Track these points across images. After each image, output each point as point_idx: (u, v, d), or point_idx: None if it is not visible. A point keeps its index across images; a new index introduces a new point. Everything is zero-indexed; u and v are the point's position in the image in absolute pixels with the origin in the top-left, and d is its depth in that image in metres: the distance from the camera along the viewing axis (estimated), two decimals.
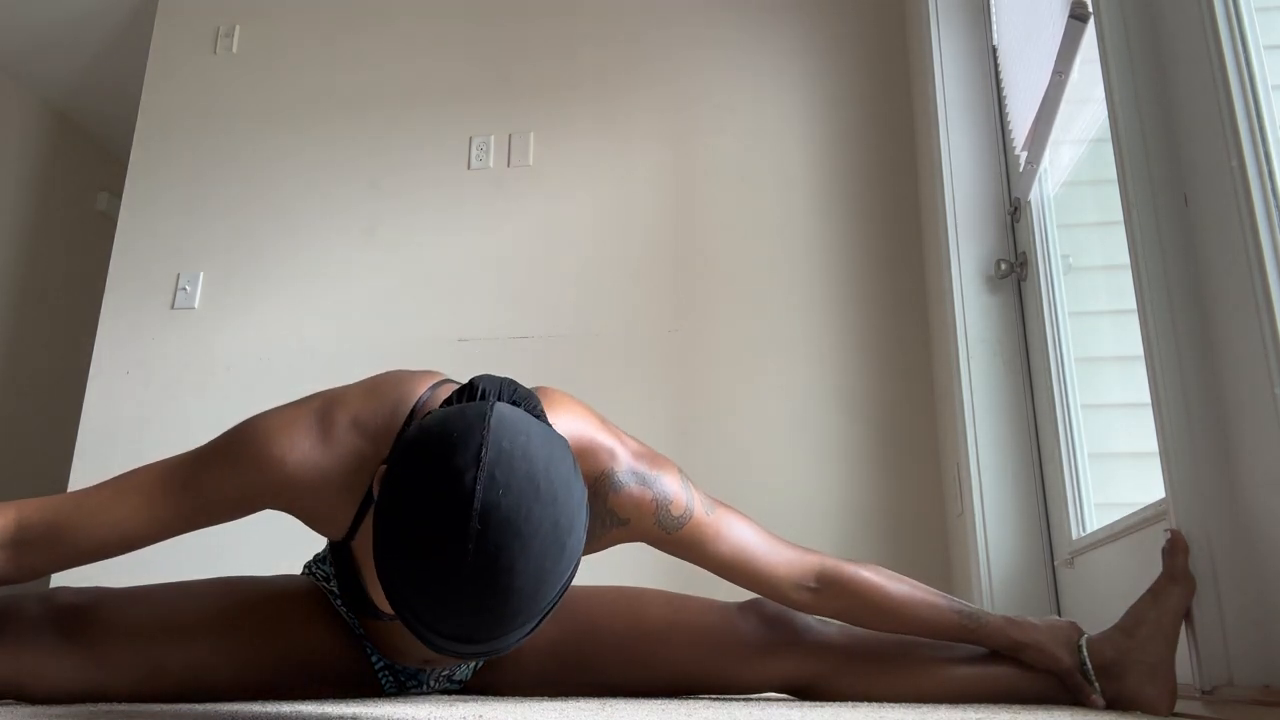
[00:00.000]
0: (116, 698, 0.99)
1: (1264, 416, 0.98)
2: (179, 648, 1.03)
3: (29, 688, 0.94)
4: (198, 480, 0.92)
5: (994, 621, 1.17)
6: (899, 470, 2.32)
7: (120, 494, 0.92)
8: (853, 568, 1.14)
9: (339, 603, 1.20)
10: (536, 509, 0.69)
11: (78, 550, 0.91)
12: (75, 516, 0.91)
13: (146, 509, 0.91)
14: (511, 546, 0.68)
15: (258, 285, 2.77)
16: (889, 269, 2.51)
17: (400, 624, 1.01)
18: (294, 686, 1.13)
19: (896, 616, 1.15)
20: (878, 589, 1.15)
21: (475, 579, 0.67)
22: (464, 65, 2.91)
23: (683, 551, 1.10)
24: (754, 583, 1.14)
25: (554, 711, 0.92)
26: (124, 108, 3.37)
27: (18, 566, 0.89)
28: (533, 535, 0.68)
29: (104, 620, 0.98)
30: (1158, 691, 1.09)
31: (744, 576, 1.13)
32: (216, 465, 0.92)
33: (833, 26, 2.77)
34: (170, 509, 0.91)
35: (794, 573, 1.14)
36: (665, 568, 1.59)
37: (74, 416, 2.75)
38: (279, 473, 0.90)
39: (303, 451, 0.90)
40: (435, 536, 0.68)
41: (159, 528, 0.92)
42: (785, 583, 1.14)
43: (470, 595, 0.68)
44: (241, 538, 2.51)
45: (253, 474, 0.90)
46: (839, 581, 1.14)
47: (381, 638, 1.15)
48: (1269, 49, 1.05)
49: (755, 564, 1.12)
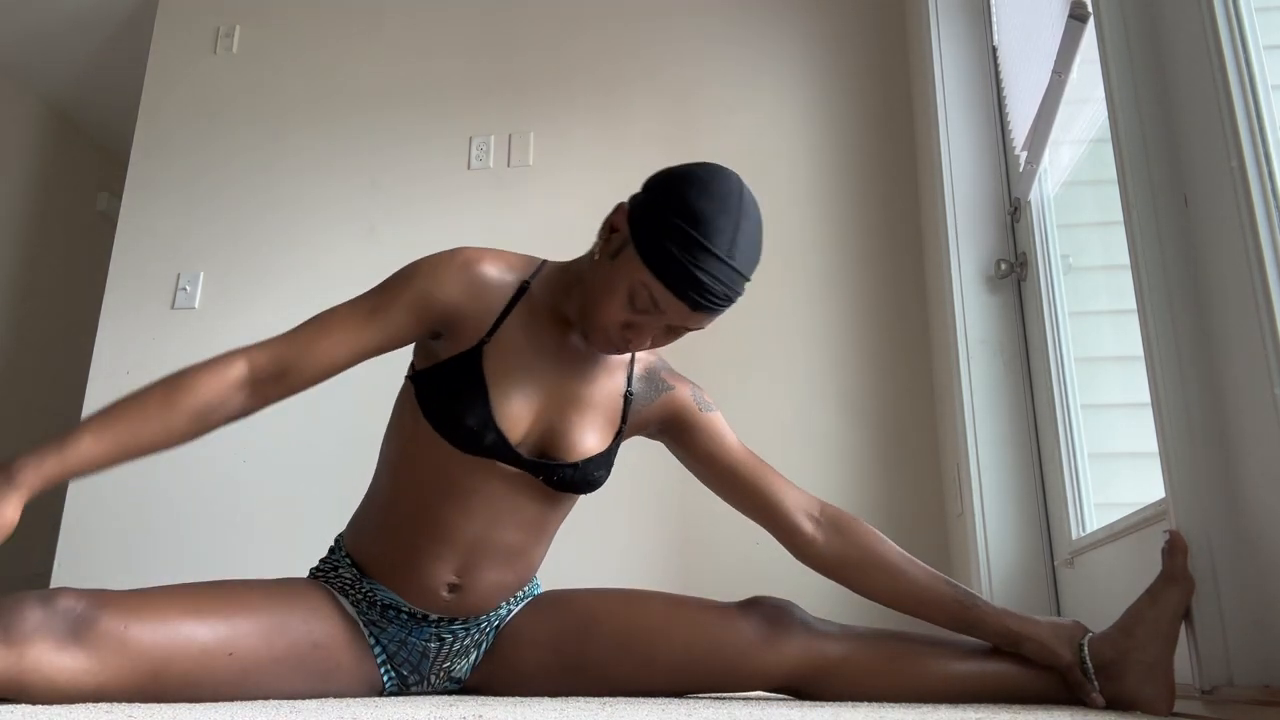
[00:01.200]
0: (119, 699, 0.99)
1: (1264, 416, 0.98)
2: (183, 648, 1.03)
3: (31, 689, 0.94)
4: (393, 295, 1.17)
5: (989, 608, 1.19)
6: (899, 470, 2.32)
7: (325, 328, 1.15)
8: (855, 517, 1.25)
9: (347, 600, 1.21)
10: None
11: (304, 380, 1.14)
12: (296, 355, 1.13)
13: (353, 335, 1.15)
14: (756, 210, 1.13)
15: (258, 285, 2.77)
16: (889, 269, 2.51)
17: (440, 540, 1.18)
18: (298, 685, 1.13)
19: (892, 575, 1.20)
20: (878, 541, 1.24)
21: (744, 209, 1.10)
22: (464, 65, 2.91)
23: (706, 439, 1.28)
24: (765, 494, 1.25)
25: (554, 711, 0.92)
26: (124, 108, 3.37)
27: (262, 399, 1.12)
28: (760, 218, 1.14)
29: (107, 621, 0.98)
30: (1157, 691, 1.09)
31: (757, 483, 1.25)
32: (422, 274, 1.17)
33: (833, 26, 2.77)
34: (370, 329, 1.16)
35: (802, 499, 1.26)
36: (665, 570, 1.59)
37: (74, 416, 2.75)
38: (474, 271, 1.18)
39: (485, 260, 1.20)
40: (721, 187, 1.10)
41: (363, 349, 1.16)
42: (794, 505, 1.25)
43: (739, 215, 1.09)
44: (242, 541, 2.52)
45: (453, 271, 1.17)
46: (841, 520, 1.25)
47: (419, 564, 1.19)
48: (1269, 49, 1.05)
49: (769, 475, 1.27)
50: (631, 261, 1.10)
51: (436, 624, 1.21)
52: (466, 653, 1.26)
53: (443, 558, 1.18)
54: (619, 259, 1.12)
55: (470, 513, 1.17)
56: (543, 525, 1.24)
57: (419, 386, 1.20)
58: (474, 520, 1.18)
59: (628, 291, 1.10)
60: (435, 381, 1.18)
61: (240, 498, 2.56)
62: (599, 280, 1.14)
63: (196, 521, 2.55)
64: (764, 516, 1.27)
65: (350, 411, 2.60)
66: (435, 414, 1.16)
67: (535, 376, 1.20)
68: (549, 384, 1.21)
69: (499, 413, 1.16)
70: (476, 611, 1.23)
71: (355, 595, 1.21)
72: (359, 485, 1.32)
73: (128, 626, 0.99)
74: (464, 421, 1.15)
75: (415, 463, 1.19)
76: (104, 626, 0.98)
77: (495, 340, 1.17)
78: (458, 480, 1.17)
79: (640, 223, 1.11)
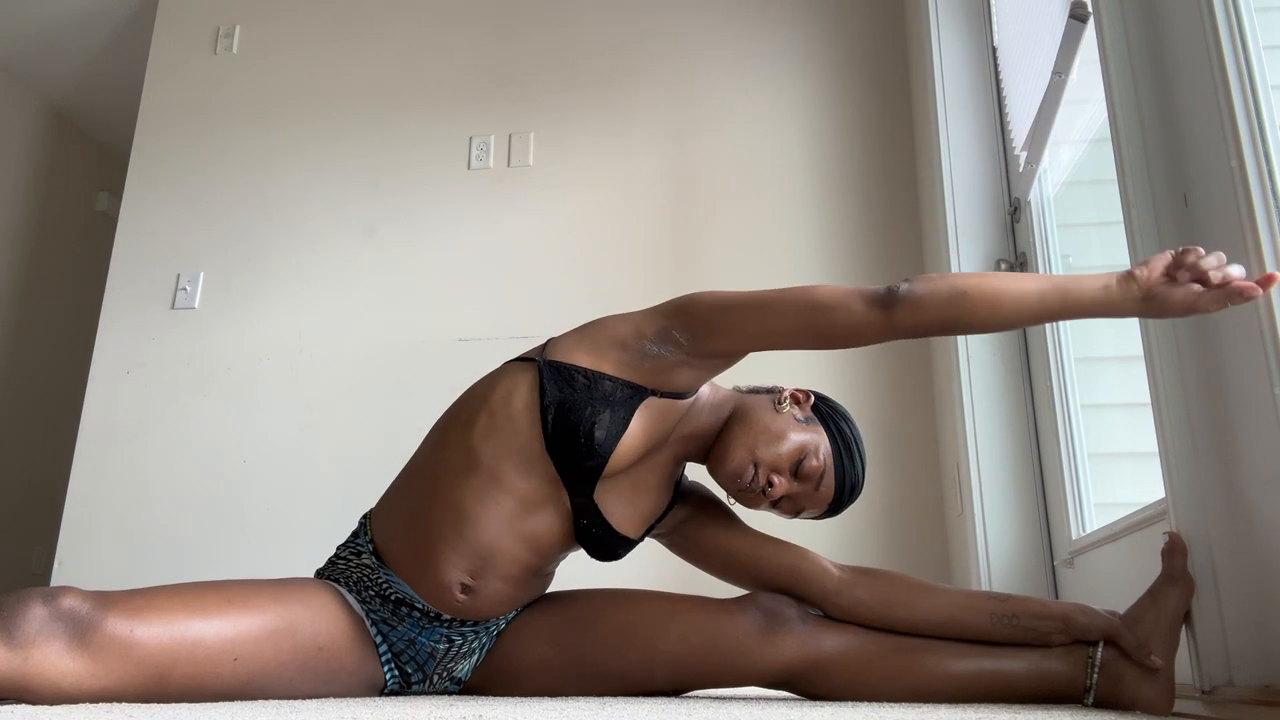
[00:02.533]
0: (121, 699, 0.99)
1: (1264, 416, 0.98)
2: (188, 653, 1.02)
3: (35, 692, 0.94)
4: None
5: (1021, 596, 1.22)
6: (899, 470, 2.32)
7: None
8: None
9: (354, 597, 1.21)
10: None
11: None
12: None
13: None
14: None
15: (258, 285, 2.77)
16: (889, 269, 2.51)
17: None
18: (300, 687, 1.13)
19: (927, 592, 1.22)
20: (903, 575, 1.26)
21: (864, 450, 1.28)
22: (464, 65, 2.91)
23: (726, 514, 1.35)
24: (786, 549, 1.28)
25: (554, 711, 0.92)
26: (124, 108, 3.38)
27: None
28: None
29: (112, 625, 0.98)
30: (1156, 692, 1.09)
31: (777, 544, 1.29)
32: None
33: (833, 27, 2.77)
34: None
35: (819, 557, 1.29)
36: (666, 570, 1.59)
37: (74, 416, 2.75)
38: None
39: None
40: (859, 435, 1.28)
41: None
42: (815, 557, 1.28)
43: (864, 454, 1.28)
44: (242, 540, 2.52)
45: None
46: (868, 570, 1.27)
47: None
48: (1269, 49, 1.05)
49: (782, 541, 1.31)
50: (818, 432, 1.25)
51: (449, 624, 1.21)
52: (471, 654, 1.26)
53: (459, 553, 1.18)
54: (808, 423, 1.25)
55: (497, 517, 1.18)
56: (548, 558, 1.25)
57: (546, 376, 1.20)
58: (495, 525, 1.18)
59: (800, 450, 1.22)
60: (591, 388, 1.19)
61: (240, 497, 2.56)
62: (778, 423, 1.24)
63: (196, 521, 2.55)
64: (788, 574, 1.27)
65: (350, 412, 2.61)
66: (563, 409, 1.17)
67: (648, 464, 1.26)
68: (648, 464, 1.25)
69: (615, 454, 1.18)
70: (487, 616, 1.23)
71: (368, 592, 1.21)
72: (359, 485, 1.32)
73: (133, 630, 0.99)
74: (593, 433, 1.16)
75: (473, 450, 1.19)
76: (109, 630, 0.98)
77: (657, 400, 1.21)
78: (504, 481, 1.17)
79: (827, 416, 1.27)
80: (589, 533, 1.22)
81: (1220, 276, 0.99)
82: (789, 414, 1.25)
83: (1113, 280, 1.05)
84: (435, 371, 2.57)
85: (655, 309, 1.22)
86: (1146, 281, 1.03)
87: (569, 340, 1.23)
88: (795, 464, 1.22)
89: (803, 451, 1.22)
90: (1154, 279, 1.03)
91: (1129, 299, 1.04)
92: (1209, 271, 1.00)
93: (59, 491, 2.70)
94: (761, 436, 1.22)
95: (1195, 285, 1.01)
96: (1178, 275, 1.02)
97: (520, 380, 1.20)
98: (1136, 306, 1.04)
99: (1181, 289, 1.02)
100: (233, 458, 2.59)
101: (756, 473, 1.22)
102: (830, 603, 1.24)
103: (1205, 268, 1.00)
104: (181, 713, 0.86)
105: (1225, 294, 0.99)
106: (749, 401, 1.28)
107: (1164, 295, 1.02)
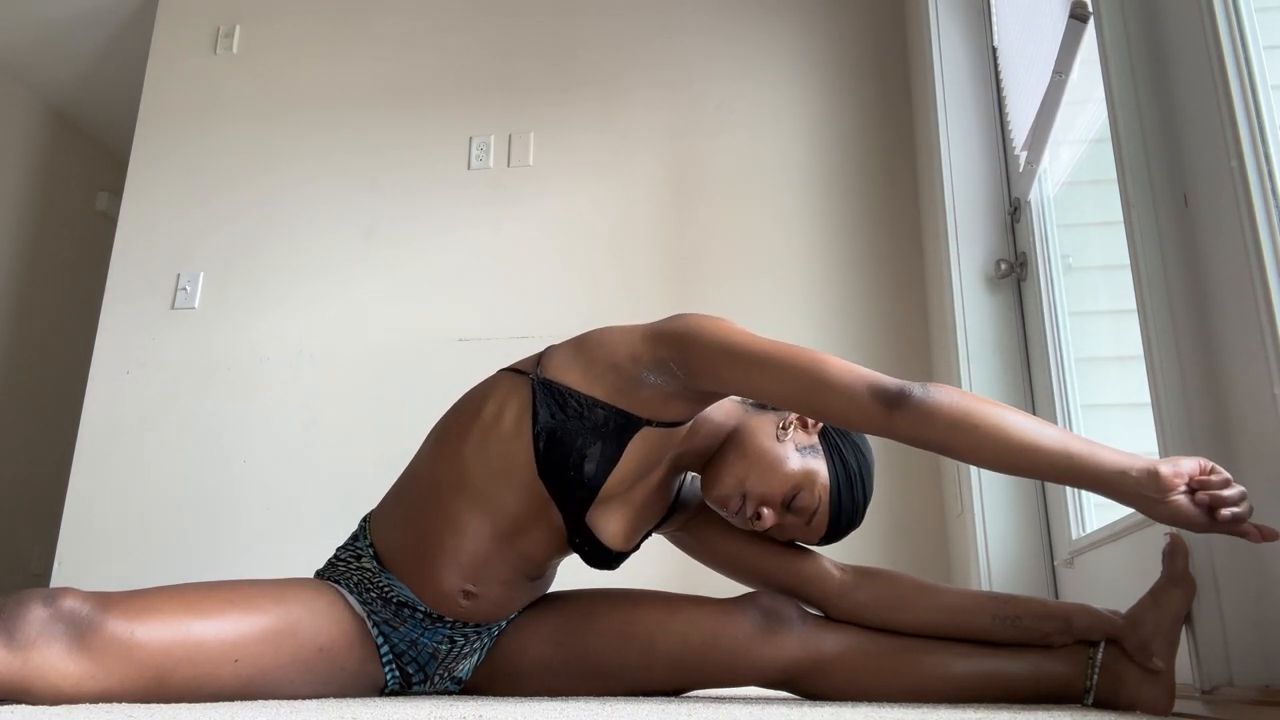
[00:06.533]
0: (122, 700, 0.98)
1: (1264, 416, 0.98)
2: (189, 655, 1.02)
3: (35, 694, 0.94)
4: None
5: (1024, 596, 1.21)
6: (899, 470, 2.32)
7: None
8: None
9: (355, 598, 1.20)
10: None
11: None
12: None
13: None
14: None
15: (258, 285, 2.77)
16: (889, 269, 2.51)
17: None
18: (301, 689, 1.13)
19: (930, 593, 1.21)
20: (905, 576, 1.25)
21: (871, 481, 1.23)
22: (464, 65, 2.91)
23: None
24: (788, 551, 1.26)
25: (554, 711, 0.92)
26: (124, 108, 3.38)
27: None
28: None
29: (113, 626, 0.98)
30: (1157, 692, 1.09)
31: (779, 544, 1.26)
32: None
33: (833, 26, 2.77)
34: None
35: (821, 558, 1.28)
36: (665, 572, 1.60)
37: (74, 416, 2.75)
38: None
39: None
40: (868, 466, 1.23)
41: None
42: (816, 557, 1.27)
43: (870, 485, 1.23)
44: (242, 540, 2.52)
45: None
46: (870, 571, 1.26)
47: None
48: (1269, 49, 1.05)
49: (800, 551, 1.28)
50: (819, 463, 1.20)
51: (451, 625, 1.21)
52: (473, 654, 1.26)
53: (458, 562, 1.17)
54: (809, 453, 1.20)
55: (490, 533, 1.17)
56: (545, 565, 1.25)
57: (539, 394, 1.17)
58: (488, 540, 1.17)
59: (795, 486, 1.18)
60: (581, 416, 1.15)
61: (240, 497, 2.56)
62: (775, 452, 1.19)
63: (197, 521, 2.55)
64: (791, 576, 1.26)
65: (350, 411, 2.61)
66: (552, 440, 1.14)
67: (641, 484, 1.22)
68: (643, 484, 1.22)
69: (605, 486, 1.16)
70: (491, 619, 1.23)
71: (369, 594, 1.20)
72: (358, 485, 1.32)
73: (133, 632, 0.99)
74: (583, 466, 1.14)
75: (466, 468, 1.17)
76: (110, 632, 0.98)
77: (651, 429, 1.16)
78: (495, 499, 1.16)
79: (834, 446, 1.21)
80: (582, 549, 1.22)
81: (1229, 516, 0.93)
82: (790, 441, 1.20)
83: (1131, 469, 0.97)
84: (435, 371, 2.57)
85: (655, 333, 1.16)
86: (1168, 489, 0.95)
87: (564, 355, 1.19)
88: (788, 498, 1.18)
89: (797, 487, 1.18)
90: (1176, 489, 0.95)
91: (1142, 497, 0.97)
92: (1222, 510, 0.93)
93: (59, 491, 2.69)
94: (755, 467, 1.18)
95: (1201, 509, 0.95)
96: (1196, 494, 0.95)
97: (512, 398, 1.17)
98: (1145, 506, 0.97)
99: (1191, 509, 0.95)
100: (233, 458, 2.59)
101: (744, 504, 1.19)
102: (832, 605, 1.24)
103: (1223, 501, 0.93)
104: (181, 712, 0.86)
105: (1226, 531, 0.94)
106: (751, 424, 1.23)
107: (1174, 510, 0.95)
